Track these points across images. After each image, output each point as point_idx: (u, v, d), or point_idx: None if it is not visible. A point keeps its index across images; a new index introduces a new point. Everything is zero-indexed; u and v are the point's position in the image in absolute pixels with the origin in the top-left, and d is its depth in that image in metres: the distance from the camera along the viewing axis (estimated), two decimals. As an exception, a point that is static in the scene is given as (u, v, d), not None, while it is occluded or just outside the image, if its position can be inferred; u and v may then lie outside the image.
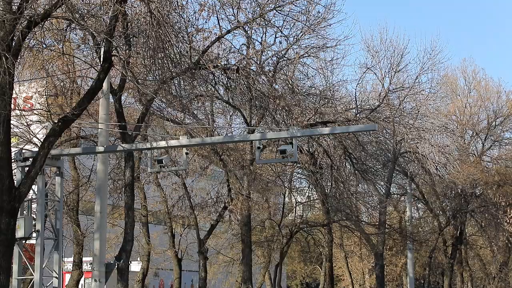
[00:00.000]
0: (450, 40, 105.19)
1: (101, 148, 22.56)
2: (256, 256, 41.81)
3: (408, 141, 39.96)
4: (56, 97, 28.62)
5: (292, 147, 21.11)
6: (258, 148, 21.60)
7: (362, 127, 25.16)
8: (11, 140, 28.78)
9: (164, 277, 50.48)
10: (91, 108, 28.54)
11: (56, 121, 20.54)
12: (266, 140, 28.19)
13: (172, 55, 20.95)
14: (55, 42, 23.46)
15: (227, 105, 30.76)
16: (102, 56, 20.80)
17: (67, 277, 34.20)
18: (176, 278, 36.66)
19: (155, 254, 39.13)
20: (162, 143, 22.13)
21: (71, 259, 33.48)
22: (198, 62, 24.19)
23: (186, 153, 22.07)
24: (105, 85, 23.08)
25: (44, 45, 22.14)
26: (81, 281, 33.73)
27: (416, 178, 45.59)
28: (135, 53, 22.30)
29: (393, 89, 37.95)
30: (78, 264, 31.70)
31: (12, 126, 27.55)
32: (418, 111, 40.29)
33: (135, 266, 42.14)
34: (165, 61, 21.23)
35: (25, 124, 27.41)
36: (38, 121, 28.03)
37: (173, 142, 22.21)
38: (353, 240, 49.47)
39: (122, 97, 29.09)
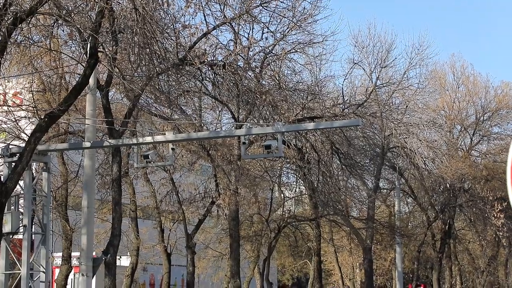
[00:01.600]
0: (438, 36, 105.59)
1: (87, 144, 22.71)
2: (245, 251, 42.00)
3: (397, 136, 40.19)
4: (44, 93, 28.70)
5: (277, 143, 21.33)
6: (244, 143, 21.79)
7: (346, 122, 25.35)
8: (0, 136, 29.06)
9: (153, 272, 50.62)
10: (79, 104, 28.68)
11: (42, 117, 20.72)
12: (254, 136, 28.40)
13: (157, 51, 21.12)
14: (42, 38, 23.64)
15: (215, 100, 30.94)
16: (88, 52, 20.93)
17: (57, 271, 34.34)
18: (165, 273, 36.80)
19: (144, 249, 39.27)
20: (148, 139, 22.32)
21: (61, 254, 33.60)
22: (184, 58, 24.34)
23: (172, 149, 22.22)
24: (92, 81, 23.23)
25: (31, 41, 22.30)
26: (71, 276, 33.85)
27: (404, 173, 45.83)
28: (122, 49, 22.47)
29: (380, 84, 38.15)
30: (67, 259, 31.81)
31: (0, 121, 27.85)
32: (407, 106, 40.53)
33: (125, 261, 42.31)
34: (151, 58, 21.40)
35: (13, 120, 27.51)
36: (26, 117, 28.14)
37: (159, 138, 22.39)
38: (342, 234, 49.71)
39: (111, 93, 29.26)
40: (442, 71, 50.94)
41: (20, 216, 22.28)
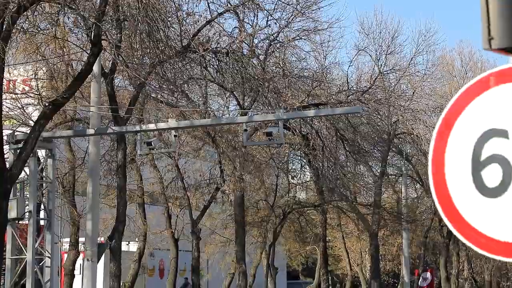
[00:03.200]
0: (445, 22, 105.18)
1: (91, 131, 22.99)
2: (251, 237, 42.27)
3: (404, 122, 40.29)
4: (51, 80, 28.96)
5: (279, 129, 21.56)
6: (245, 130, 22.02)
7: (347, 109, 25.53)
8: (7, 123, 29.33)
9: (162, 257, 50.90)
10: (85, 91, 28.94)
11: (46, 104, 20.99)
12: (259, 122, 28.61)
13: (160, 39, 21.35)
14: (49, 26, 23.88)
15: (221, 87, 31.16)
16: (91, 40, 21.15)
17: (66, 257, 34.68)
18: (172, 258, 37.12)
19: (152, 234, 39.56)
20: (151, 126, 22.56)
21: (68, 239, 33.94)
22: (188, 45, 24.55)
23: (175, 136, 22.48)
24: (96, 68, 23.43)
25: (36, 29, 22.56)
26: (80, 261, 34.19)
27: (412, 159, 45.91)
28: (126, 37, 22.70)
29: (384, 71, 38.18)
30: (74, 244, 32.14)
31: (7, 108, 28.13)
32: (414, 92, 40.61)
33: (133, 247, 42.60)
34: (155, 46, 21.63)
35: (20, 106, 27.78)
36: (33, 104, 28.41)
37: (162, 125, 22.63)
38: (348, 220, 49.88)
39: (117, 80, 29.52)
40: (450, 57, 50.97)
41: (26, 202, 22.61)
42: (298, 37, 30.22)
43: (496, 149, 3.64)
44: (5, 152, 21.57)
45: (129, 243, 44.91)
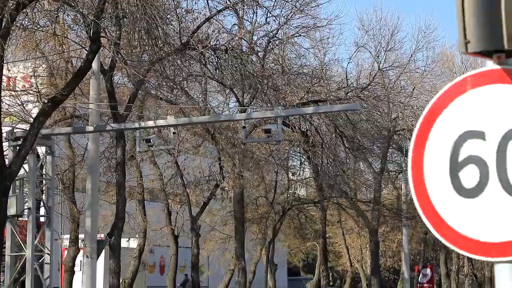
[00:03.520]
0: (445, 19, 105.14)
1: (90, 128, 23.07)
2: (251, 233, 42.34)
3: (403, 118, 40.33)
4: (50, 77, 29.02)
5: (277, 126, 21.64)
6: (244, 127, 22.10)
7: (345, 106, 25.61)
8: (7, 120, 29.39)
9: (162, 254, 50.99)
10: (85, 88, 28.99)
11: (45, 101, 21.06)
12: (258, 119, 28.71)
13: (158, 37, 21.42)
14: (48, 23, 23.95)
15: (221, 84, 31.23)
16: (90, 37, 21.22)
17: (66, 253, 34.76)
18: (172, 255, 37.19)
19: (152, 231, 39.63)
20: (150, 123, 22.63)
21: (68, 236, 34.02)
22: (187, 42, 24.62)
23: (174, 133, 22.55)
24: (95, 65, 23.49)
25: (35, 26, 22.63)
26: (80, 258, 34.28)
27: (412, 156, 45.82)
28: (125, 34, 22.77)
29: (384, 68, 38.20)
30: (74, 241, 32.21)
31: (7, 105, 28.20)
32: (413, 89, 40.65)
33: (133, 243, 42.68)
34: (153, 43, 21.70)
35: (19, 103, 27.83)
36: (33, 101, 28.46)
37: (161, 122, 22.69)
38: (348, 216, 49.96)
39: (116, 77, 29.60)
40: (450, 53, 50.98)
41: (25, 199, 22.69)
42: (297, 34, 30.30)
43: (473, 151, 3.71)
44: (4, 149, 21.67)
45: (129, 239, 45.00)
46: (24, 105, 28.42)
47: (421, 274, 49.63)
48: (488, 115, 3.69)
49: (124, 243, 45.16)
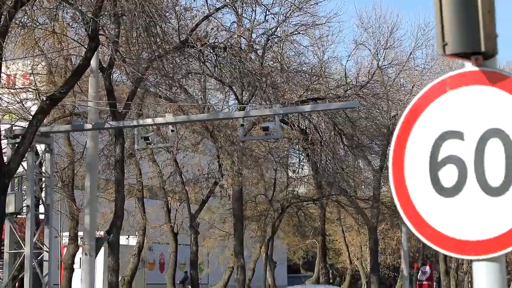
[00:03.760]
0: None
1: (89, 126, 23.11)
2: (251, 231, 42.41)
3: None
4: (50, 75, 29.04)
5: (275, 124, 21.69)
6: (242, 125, 22.15)
7: (343, 104, 25.66)
8: (6, 117, 29.44)
9: (162, 251, 51.07)
10: (84, 86, 29.03)
11: (44, 99, 21.11)
12: (257, 117, 28.72)
13: (157, 34, 21.47)
14: (47, 20, 24.00)
15: (219, 82, 31.28)
16: (89, 35, 21.26)
17: (65, 251, 34.82)
18: (172, 252, 37.26)
19: (151, 228, 39.71)
20: (149, 121, 22.68)
21: (68, 233, 34.07)
22: (186, 40, 24.68)
23: (172, 130, 22.59)
24: (94, 63, 23.54)
25: (34, 24, 22.68)
26: (79, 255, 34.35)
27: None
28: (124, 31, 22.82)
29: (383, 65, 38.24)
30: (73, 238, 32.27)
31: (6, 103, 28.25)
32: (413, 87, 40.67)
33: (133, 241, 42.74)
34: (151, 41, 21.75)
35: (18, 101, 27.87)
36: (32, 99, 28.49)
37: (159, 120, 22.75)
38: (347, 214, 50.03)
39: (116, 74, 29.65)
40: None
41: (24, 197, 22.74)
42: (296, 32, 30.36)
43: (452, 150, 3.76)
44: (3, 147, 21.71)
45: (128, 237, 45.04)
46: (23, 102, 28.46)
47: (420, 271, 49.68)
48: (467, 116, 3.75)
49: (123, 240, 45.23)
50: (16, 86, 28.52)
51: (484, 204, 3.68)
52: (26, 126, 23.51)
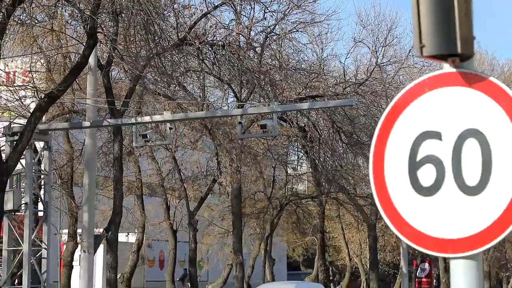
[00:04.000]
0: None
1: (87, 123, 23.17)
2: (250, 228, 42.48)
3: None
4: (49, 73, 29.10)
5: (273, 122, 21.76)
6: (240, 123, 22.22)
7: (340, 102, 25.72)
8: (6, 115, 29.50)
9: (161, 248, 51.16)
10: (83, 83, 29.09)
11: (42, 97, 21.19)
12: (255, 115, 28.76)
13: (154, 32, 21.52)
14: (46, 18, 24.06)
15: (218, 80, 31.35)
16: (87, 32, 21.31)
17: (65, 248, 34.90)
18: (171, 249, 37.33)
19: (151, 225, 39.79)
20: (147, 118, 22.73)
21: (67, 230, 34.14)
22: (184, 38, 24.74)
23: (170, 128, 22.64)
24: (92, 60, 23.59)
25: (33, 21, 22.73)
26: (78, 252, 34.40)
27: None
28: (122, 29, 22.87)
29: (382, 63, 38.24)
30: (72, 235, 32.34)
31: (5, 100, 28.32)
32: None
33: (132, 238, 42.82)
34: (149, 38, 21.80)
35: (17, 98, 27.93)
36: (30, 96, 28.55)
37: (157, 117, 22.80)
38: (346, 211, 50.12)
39: (114, 72, 29.71)
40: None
41: (22, 194, 22.81)
42: (294, 30, 30.42)
43: (430, 150, 3.83)
44: (1, 144, 21.78)
45: (128, 234, 45.13)
46: (22, 100, 28.52)
47: (419, 268, 49.73)
48: (445, 117, 3.82)
49: (123, 238, 45.33)
50: (15, 84, 28.59)
51: (461, 203, 3.75)
52: (25, 124, 23.60)
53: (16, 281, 25.38)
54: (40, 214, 24.44)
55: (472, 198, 3.73)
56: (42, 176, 24.27)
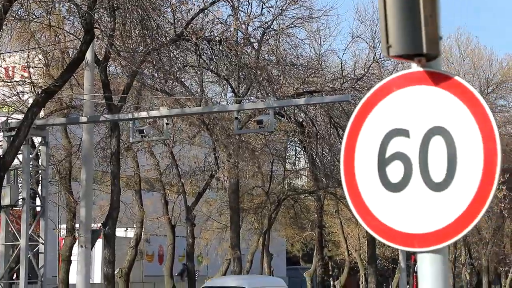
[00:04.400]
0: (442, 9, 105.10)
1: (84, 119, 23.25)
2: (248, 223, 42.58)
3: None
4: (47, 68, 29.18)
5: (269, 117, 21.82)
6: (236, 118, 22.29)
7: (336, 98, 25.81)
8: (4, 110, 29.59)
9: (159, 243, 51.29)
10: (81, 79, 29.16)
11: (39, 92, 21.28)
12: (253, 110, 28.83)
13: (151, 28, 21.59)
14: (43, 13, 24.14)
15: (216, 75, 31.41)
16: (84, 28, 21.39)
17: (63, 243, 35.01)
18: (169, 244, 37.42)
19: (149, 220, 39.88)
20: (144, 114, 22.81)
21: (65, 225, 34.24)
22: (181, 33, 24.80)
23: (167, 123, 22.72)
24: (89, 56, 23.64)
25: (31, 16, 22.81)
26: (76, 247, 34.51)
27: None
28: (119, 24, 22.93)
29: (379, 58, 38.30)
30: (71, 230, 32.44)
31: (3, 95, 28.40)
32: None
33: (131, 233, 42.96)
34: (145, 34, 21.88)
35: (15, 93, 28.03)
36: (25, 92, 28.63)
37: (154, 113, 22.88)
38: (344, 206, 50.22)
39: (112, 67, 29.75)
40: (447, 44, 51.22)
41: (20, 189, 22.90)
42: (292, 25, 30.49)
43: (399, 147, 3.94)
44: (-2, 140, 21.89)
45: (127, 229, 45.27)
46: (20, 95, 28.61)
47: (417, 263, 49.84)
48: (412, 115, 3.92)
49: (122, 232, 45.45)
50: (15, 79, 28.67)
51: (427, 199, 3.85)
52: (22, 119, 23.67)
53: (14, 276, 25.52)
54: (38, 209, 24.54)
55: (437, 194, 3.83)
56: (39, 171, 24.35)
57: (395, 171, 3.93)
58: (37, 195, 24.71)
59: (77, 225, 32.63)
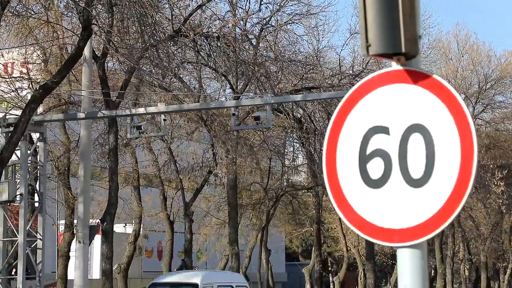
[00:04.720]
0: (441, 5, 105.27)
1: (82, 115, 23.32)
2: (247, 219, 42.64)
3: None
4: (44, 64, 29.23)
5: (267, 113, 21.89)
6: (233, 114, 22.35)
7: (334, 94, 25.83)
8: (3, 106, 29.63)
9: (157, 239, 51.34)
10: (79, 75, 29.20)
11: (37, 88, 21.33)
12: (251, 106, 28.91)
13: (149, 24, 21.65)
14: (42, 9, 24.20)
15: (214, 71, 31.46)
16: (81, 24, 21.43)
17: (62, 239, 35.09)
18: (168, 240, 37.48)
19: (148, 216, 39.94)
20: (141, 110, 22.87)
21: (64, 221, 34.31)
22: (179, 30, 24.85)
23: (164, 120, 22.78)
24: (87, 52, 23.71)
25: (29, 12, 22.87)
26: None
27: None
28: (117, 20, 22.98)
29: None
30: (69, 226, 32.50)
31: (2, 91, 28.46)
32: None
33: (129, 229, 43.02)
34: (143, 30, 21.93)
35: (13, 89, 28.07)
36: (24, 88, 28.67)
37: (151, 109, 22.93)
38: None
39: (110, 64, 29.81)
40: (446, 40, 51.28)
41: (18, 185, 22.96)
42: (290, 21, 30.53)
43: (379, 144, 4.01)
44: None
45: (125, 225, 45.33)
46: (18, 91, 28.65)
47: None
48: (392, 112, 4.00)
49: (120, 228, 45.53)
50: (11, 75, 28.71)
51: (407, 195, 3.93)
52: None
53: (13, 271, 25.59)
54: (36, 205, 24.61)
55: (416, 190, 3.91)
56: (37, 167, 24.42)
57: (375, 168, 4.01)
58: (35, 191, 24.78)
59: (75, 221, 32.76)
